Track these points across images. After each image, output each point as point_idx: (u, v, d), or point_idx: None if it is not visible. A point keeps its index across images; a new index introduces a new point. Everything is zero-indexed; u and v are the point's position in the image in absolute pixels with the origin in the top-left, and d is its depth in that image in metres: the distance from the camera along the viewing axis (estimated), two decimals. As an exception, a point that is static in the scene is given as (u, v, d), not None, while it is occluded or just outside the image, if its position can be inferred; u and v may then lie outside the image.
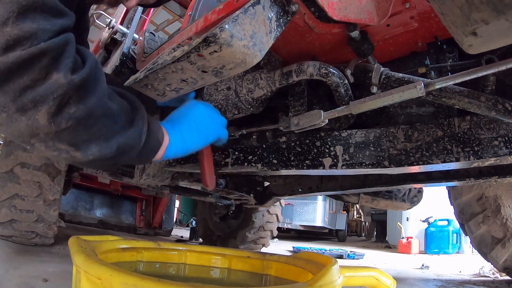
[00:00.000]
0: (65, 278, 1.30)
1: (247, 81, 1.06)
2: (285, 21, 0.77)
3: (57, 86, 0.58)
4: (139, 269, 0.85)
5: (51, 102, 0.57)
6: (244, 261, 0.91)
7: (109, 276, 0.46)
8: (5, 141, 1.75)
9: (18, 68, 0.55)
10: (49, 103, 0.57)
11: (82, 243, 0.65)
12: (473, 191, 2.05)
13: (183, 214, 8.40)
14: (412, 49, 1.03)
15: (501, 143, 0.84)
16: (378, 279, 0.69)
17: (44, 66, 0.57)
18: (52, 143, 0.62)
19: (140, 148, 0.76)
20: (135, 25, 2.45)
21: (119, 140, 0.69)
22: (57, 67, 0.58)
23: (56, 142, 0.62)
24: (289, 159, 1.14)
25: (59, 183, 1.78)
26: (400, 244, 5.50)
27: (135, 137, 0.73)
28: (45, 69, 0.57)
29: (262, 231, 2.86)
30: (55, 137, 0.61)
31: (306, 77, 0.97)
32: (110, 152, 0.68)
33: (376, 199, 1.67)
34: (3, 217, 1.67)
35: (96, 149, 0.66)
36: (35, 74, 0.56)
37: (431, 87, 0.76)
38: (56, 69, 0.58)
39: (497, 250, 1.99)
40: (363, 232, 11.25)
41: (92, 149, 0.66)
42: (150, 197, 3.74)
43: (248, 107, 1.09)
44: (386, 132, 0.99)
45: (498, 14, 0.41)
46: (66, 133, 0.61)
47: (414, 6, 0.88)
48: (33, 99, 0.56)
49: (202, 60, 0.70)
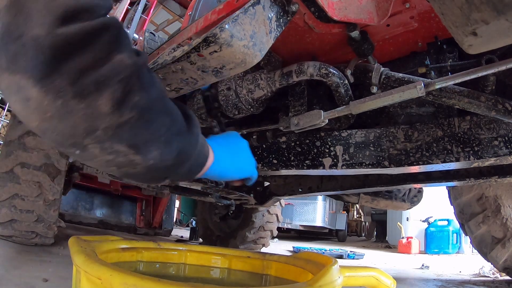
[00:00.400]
0: (65, 278, 1.30)
1: (247, 82, 1.07)
2: (285, 21, 0.77)
3: (123, 67, 0.49)
4: (139, 269, 0.85)
5: (116, 86, 0.48)
6: (244, 261, 0.91)
7: (109, 276, 0.46)
8: (5, 141, 1.75)
9: (78, 43, 0.45)
10: (114, 86, 0.48)
11: (82, 243, 0.65)
12: (473, 191, 2.05)
13: (183, 214, 8.40)
14: (412, 49, 1.03)
15: (501, 143, 0.84)
16: (378, 279, 0.69)
17: (106, 43, 0.47)
18: (109, 144, 0.51)
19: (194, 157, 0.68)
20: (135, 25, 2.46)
21: (179, 144, 0.61)
22: (119, 46, 0.49)
23: (114, 142, 0.52)
24: (289, 159, 1.14)
25: (59, 183, 1.78)
26: (400, 244, 5.50)
27: (192, 143, 0.66)
28: (107, 47, 0.48)
29: (262, 231, 2.86)
30: (115, 134, 0.51)
31: (306, 78, 0.98)
32: (171, 158, 0.60)
33: (376, 199, 1.67)
34: (3, 217, 1.67)
35: (157, 152, 0.57)
36: (97, 52, 0.46)
37: (431, 87, 0.76)
38: (118, 49, 0.49)
39: (497, 250, 1.99)
40: (363, 232, 11.24)
41: (152, 152, 0.56)
42: (150, 197, 3.74)
43: (248, 107, 1.09)
44: (386, 132, 0.99)
45: (498, 14, 0.41)
46: (127, 129, 0.51)
47: (414, 6, 0.88)
48: (96, 80, 0.46)
49: (202, 60, 0.70)
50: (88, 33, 0.45)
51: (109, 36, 0.48)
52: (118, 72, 0.48)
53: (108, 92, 0.47)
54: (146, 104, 0.53)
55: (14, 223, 1.69)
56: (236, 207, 2.57)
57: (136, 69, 0.51)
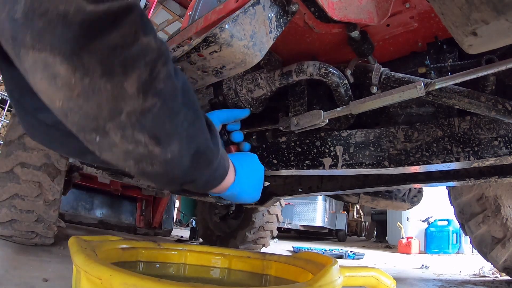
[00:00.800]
0: (65, 278, 1.30)
1: (247, 81, 1.06)
2: (285, 21, 0.77)
3: (150, 50, 0.48)
4: (139, 269, 0.85)
5: (143, 68, 0.47)
6: (244, 261, 0.91)
7: (109, 276, 0.46)
8: (5, 141, 1.75)
9: (107, 22, 0.44)
10: (141, 68, 0.47)
11: (82, 243, 0.65)
12: (473, 191, 2.05)
13: (183, 214, 8.40)
14: (412, 49, 1.03)
15: (501, 143, 0.84)
16: (378, 279, 0.69)
17: (133, 24, 0.46)
18: (131, 132, 0.50)
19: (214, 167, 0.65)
20: (135, 25, 2.45)
21: (200, 144, 0.59)
22: (145, 28, 0.48)
23: (136, 130, 0.50)
24: (289, 159, 1.14)
25: (59, 183, 1.78)
26: (400, 244, 5.50)
27: (214, 150, 0.63)
28: (134, 28, 0.47)
29: (262, 231, 2.86)
30: (138, 121, 0.49)
31: (306, 77, 0.97)
32: (189, 156, 0.58)
33: (376, 199, 1.68)
34: (3, 217, 1.67)
35: (176, 147, 0.55)
36: (126, 31, 0.45)
37: (431, 87, 0.76)
38: (143, 31, 0.48)
39: (497, 250, 1.99)
40: (363, 232, 11.24)
41: (172, 146, 0.54)
42: (150, 197, 3.74)
43: (248, 106, 1.09)
44: (386, 132, 0.99)
45: (498, 14, 0.41)
46: (150, 117, 0.50)
47: (414, 6, 0.88)
48: (124, 60, 0.46)
49: (202, 60, 0.70)
50: (116, 13, 0.44)
51: (136, 17, 0.47)
52: (145, 54, 0.47)
53: (135, 73, 0.47)
54: (171, 93, 0.52)
55: (14, 223, 1.69)
56: (236, 207, 2.57)
57: (162, 54, 0.50)
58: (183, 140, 0.55)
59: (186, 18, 1.28)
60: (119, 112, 0.47)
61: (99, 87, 0.45)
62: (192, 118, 0.57)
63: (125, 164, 0.54)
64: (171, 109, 0.52)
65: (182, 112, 0.55)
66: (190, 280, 0.91)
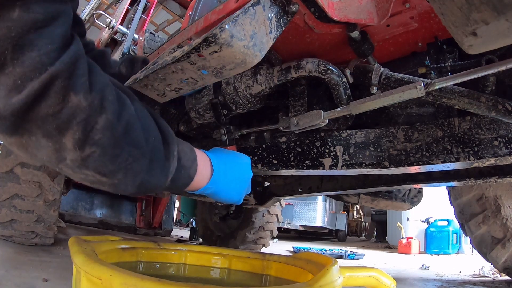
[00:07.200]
0: (65, 278, 1.30)
1: (246, 77, 1.06)
2: (285, 21, 0.77)
3: (79, 110, 0.54)
4: (139, 269, 0.85)
5: (76, 127, 0.54)
6: (244, 261, 0.91)
7: (109, 276, 0.46)
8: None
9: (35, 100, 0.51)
10: (74, 128, 0.54)
11: (82, 243, 0.65)
12: (473, 191, 2.05)
13: (183, 214, 8.40)
14: (412, 49, 1.03)
15: (501, 143, 0.84)
16: (378, 279, 0.69)
17: (58, 90, 0.52)
18: (79, 170, 0.59)
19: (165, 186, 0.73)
20: (135, 25, 2.46)
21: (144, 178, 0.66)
22: (73, 87, 0.53)
23: (83, 169, 0.59)
24: (289, 159, 1.14)
25: (59, 183, 1.78)
26: (400, 244, 5.50)
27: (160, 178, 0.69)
28: (61, 92, 0.52)
29: (262, 231, 2.86)
30: (81, 165, 0.58)
31: (305, 73, 0.97)
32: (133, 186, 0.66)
33: (376, 199, 1.67)
34: (3, 217, 1.67)
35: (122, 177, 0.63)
36: (53, 101, 0.52)
37: (431, 87, 0.76)
38: (73, 90, 0.53)
39: (497, 250, 1.99)
40: (363, 232, 11.24)
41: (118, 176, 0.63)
42: (150, 197, 3.75)
43: (246, 102, 1.08)
44: (386, 132, 0.99)
45: (498, 14, 0.41)
46: (92, 161, 0.58)
47: (414, 6, 0.88)
48: (57, 125, 0.53)
49: (202, 61, 0.70)
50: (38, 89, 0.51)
51: (62, 82, 0.52)
52: (75, 115, 0.54)
53: (69, 133, 0.54)
54: (110, 140, 0.58)
55: (14, 223, 1.69)
56: (236, 207, 2.57)
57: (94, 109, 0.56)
58: (128, 173, 0.63)
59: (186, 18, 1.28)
60: (64, 159, 0.57)
61: (43, 144, 0.55)
62: (137, 155, 0.63)
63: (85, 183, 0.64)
64: (111, 153, 0.59)
65: (125, 151, 0.61)
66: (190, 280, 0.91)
